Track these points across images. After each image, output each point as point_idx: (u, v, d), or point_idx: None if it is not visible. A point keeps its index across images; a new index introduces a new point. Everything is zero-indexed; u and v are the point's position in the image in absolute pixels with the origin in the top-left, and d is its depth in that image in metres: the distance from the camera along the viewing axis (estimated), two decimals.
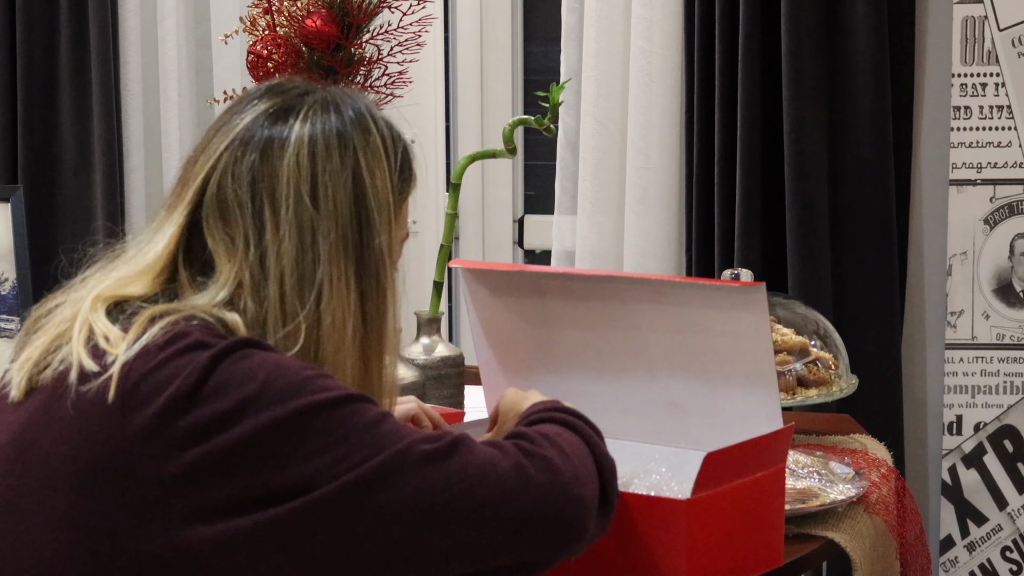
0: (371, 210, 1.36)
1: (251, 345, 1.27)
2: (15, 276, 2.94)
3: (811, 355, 2.22)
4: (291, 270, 1.32)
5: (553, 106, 2.33)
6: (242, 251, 1.32)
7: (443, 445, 1.27)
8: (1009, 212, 2.77)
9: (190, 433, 1.21)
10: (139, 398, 1.23)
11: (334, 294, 1.33)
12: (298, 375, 1.25)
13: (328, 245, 1.33)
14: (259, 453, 1.22)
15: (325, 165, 1.34)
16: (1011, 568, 2.78)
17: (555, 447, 1.34)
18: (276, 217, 1.33)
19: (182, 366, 1.24)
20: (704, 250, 2.94)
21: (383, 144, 1.39)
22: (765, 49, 2.85)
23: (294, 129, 1.36)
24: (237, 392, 1.23)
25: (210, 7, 3.33)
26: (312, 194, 1.33)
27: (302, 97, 1.39)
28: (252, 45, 2.27)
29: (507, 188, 3.38)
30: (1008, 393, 2.78)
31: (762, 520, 1.64)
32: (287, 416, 1.22)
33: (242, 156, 1.35)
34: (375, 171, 1.37)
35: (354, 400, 1.26)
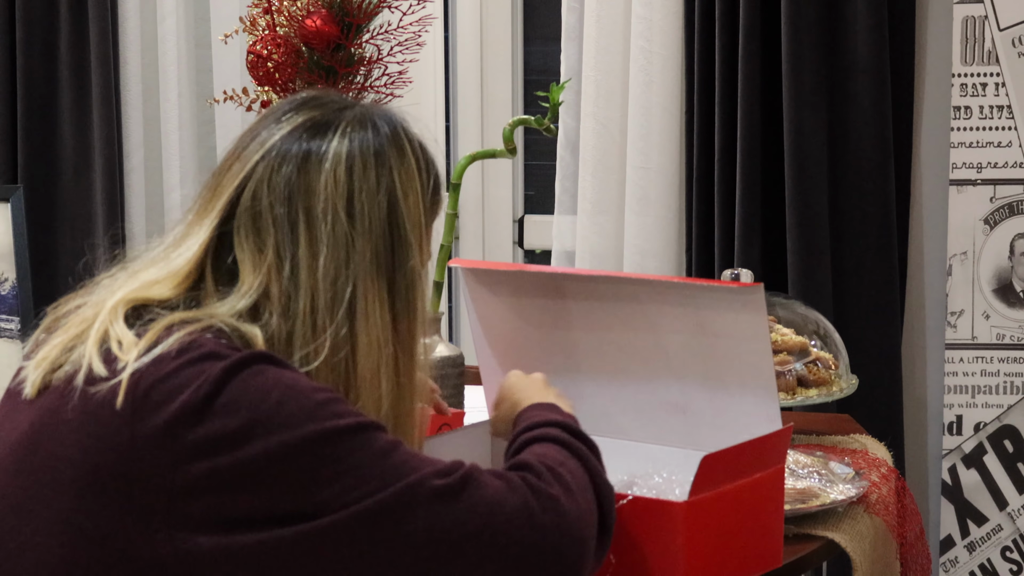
0: (404, 230, 1.36)
1: (265, 360, 1.26)
2: (15, 276, 2.94)
3: (811, 355, 2.22)
4: (324, 286, 1.31)
5: (553, 106, 2.33)
6: (272, 263, 1.32)
7: (454, 481, 1.27)
8: (1009, 212, 2.77)
9: (199, 446, 1.21)
10: (149, 406, 1.23)
11: (368, 313, 1.33)
12: (311, 399, 1.25)
13: (363, 263, 1.33)
14: (268, 476, 1.21)
15: (362, 183, 1.34)
16: (1011, 568, 2.78)
17: (560, 484, 1.34)
18: (311, 231, 1.32)
19: (193, 376, 1.23)
20: (704, 250, 2.94)
21: (417, 164, 1.40)
22: (765, 49, 2.85)
23: (332, 144, 1.35)
24: (248, 411, 1.22)
25: (210, 7, 3.33)
26: (348, 211, 1.33)
27: (340, 112, 1.39)
28: (252, 45, 2.27)
29: (507, 188, 3.38)
30: (1008, 393, 2.78)
31: (761, 521, 1.64)
32: (298, 442, 1.22)
33: (279, 168, 1.34)
34: (408, 192, 1.37)
35: (366, 429, 1.26)
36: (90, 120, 3.28)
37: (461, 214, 3.33)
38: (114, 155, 3.26)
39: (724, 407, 1.69)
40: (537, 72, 3.38)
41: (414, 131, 1.43)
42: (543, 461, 1.37)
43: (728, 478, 1.56)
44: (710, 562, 1.55)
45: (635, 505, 1.53)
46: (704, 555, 1.54)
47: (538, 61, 3.38)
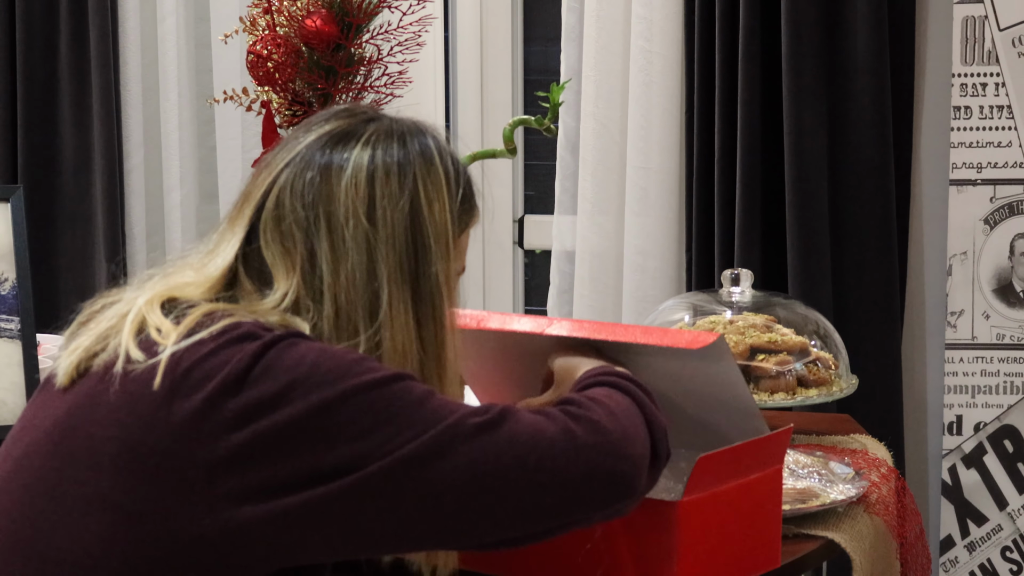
0: (427, 236, 1.37)
1: (300, 336, 1.29)
2: (15, 276, 2.94)
3: (811, 355, 2.22)
4: (346, 290, 1.34)
5: (553, 106, 2.33)
6: (299, 268, 1.35)
7: (492, 416, 1.29)
8: (1009, 212, 2.77)
9: (239, 415, 1.23)
10: (189, 384, 1.25)
11: (393, 317, 1.35)
12: (345, 358, 1.27)
13: (386, 268, 1.35)
14: (309, 433, 1.24)
15: (383, 188, 1.36)
16: (1011, 568, 2.78)
17: (603, 408, 1.36)
18: (333, 236, 1.35)
19: (232, 354, 1.26)
20: (704, 250, 2.94)
21: (445, 175, 1.41)
22: (765, 49, 2.85)
23: (355, 152, 1.38)
24: (285, 375, 1.25)
25: (210, 7, 3.33)
26: (369, 216, 1.35)
27: (367, 123, 1.41)
28: (252, 45, 2.27)
29: (507, 188, 3.38)
30: (1008, 393, 2.78)
31: (759, 521, 1.63)
32: (336, 396, 1.25)
33: (301, 173, 1.37)
34: (434, 200, 1.39)
35: (401, 379, 1.28)
36: (90, 120, 3.28)
37: None
38: (114, 155, 3.26)
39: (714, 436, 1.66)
40: (537, 72, 3.38)
41: (447, 145, 1.45)
42: (588, 395, 1.39)
43: (725, 478, 1.56)
44: (706, 562, 1.55)
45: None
46: (700, 555, 1.54)
47: (538, 61, 3.38)
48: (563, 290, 3.12)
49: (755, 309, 2.29)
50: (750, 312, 2.28)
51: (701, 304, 2.34)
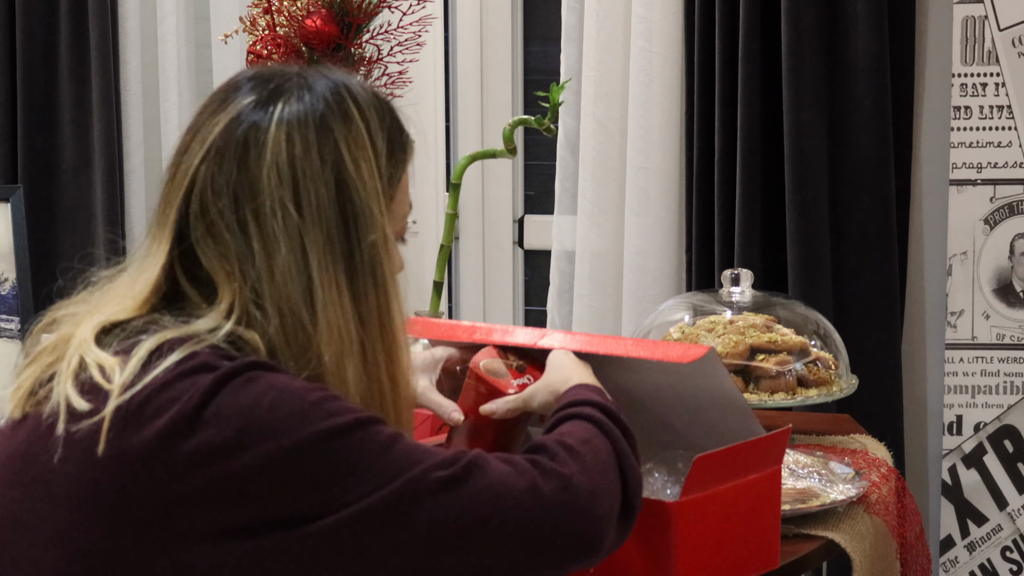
0: (358, 205, 1.31)
1: (258, 367, 1.24)
2: (15, 276, 2.94)
3: (811, 355, 2.22)
4: (285, 283, 1.28)
5: (553, 106, 2.33)
6: (237, 269, 1.28)
7: (457, 470, 1.24)
8: (1009, 212, 2.77)
9: (193, 458, 1.19)
10: (142, 419, 1.21)
11: (327, 300, 1.28)
12: (304, 399, 1.22)
13: (317, 250, 1.28)
14: (266, 482, 1.19)
15: (305, 166, 1.29)
16: (1011, 568, 2.78)
17: (576, 461, 1.32)
18: (262, 230, 1.28)
19: (185, 388, 1.21)
20: (704, 250, 2.94)
21: (367, 127, 1.33)
22: (765, 49, 2.85)
23: (270, 132, 1.30)
24: (240, 419, 1.20)
25: (210, 7, 3.33)
26: (295, 201, 1.28)
27: (277, 91, 1.33)
28: (252, 45, 2.27)
29: (507, 188, 3.37)
30: (1008, 393, 2.78)
31: (757, 522, 1.63)
32: (294, 445, 1.20)
33: (219, 168, 1.29)
34: (360, 160, 1.32)
35: (364, 425, 1.23)
36: (90, 120, 3.28)
37: (461, 214, 3.33)
38: (114, 155, 3.26)
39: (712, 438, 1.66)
40: (537, 72, 3.38)
41: (361, 89, 1.36)
42: (563, 440, 1.35)
43: (723, 479, 1.56)
44: (703, 563, 1.55)
45: None
46: (697, 556, 1.54)
47: (538, 61, 3.38)
48: (563, 290, 3.12)
49: (755, 309, 2.29)
50: (750, 312, 2.28)
51: (701, 304, 2.34)
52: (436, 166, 3.33)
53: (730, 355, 2.17)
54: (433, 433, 1.91)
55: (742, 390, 2.16)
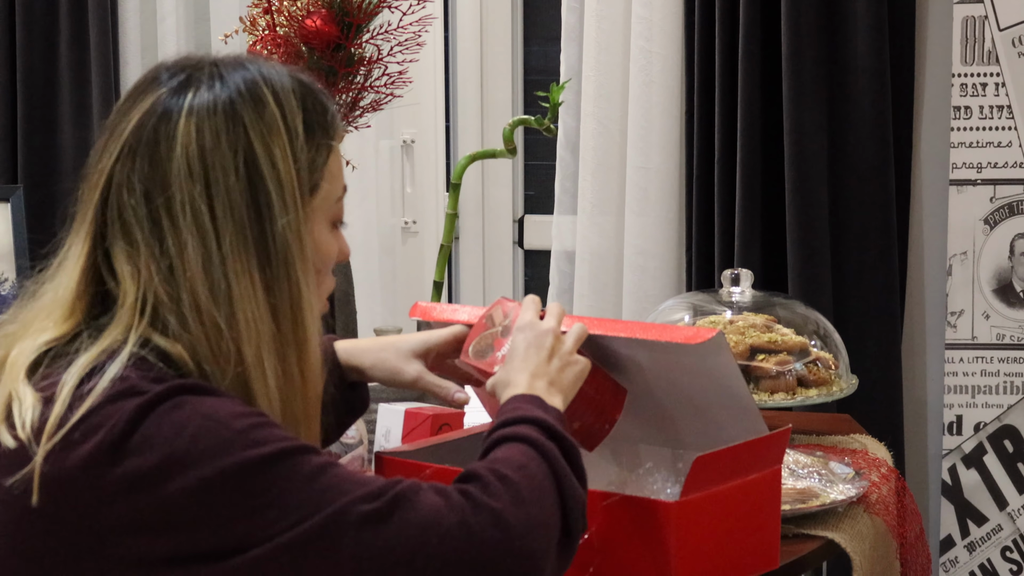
0: (269, 193, 1.27)
1: (186, 391, 1.21)
2: (15, 276, 2.94)
3: (811, 355, 2.22)
4: (199, 278, 1.25)
5: (553, 106, 2.33)
6: (152, 268, 1.26)
7: (383, 504, 1.20)
8: (1009, 212, 2.77)
9: (119, 486, 1.18)
10: (70, 444, 1.19)
11: (242, 292, 1.25)
12: (229, 428, 1.19)
13: (229, 242, 1.26)
14: (189, 513, 1.18)
15: (214, 158, 1.26)
16: (1011, 568, 2.78)
17: (510, 493, 1.26)
18: (174, 224, 1.25)
19: (111, 414, 1.19)
20: (704, 250, 2.94)
21: (280, 111, 1.29)
22: (765, 49, 2.85)
23: (180, 124, 1.27)
24: (163, 447, 1.18)
25: (210, 7, 3.33)
26: (206, 192, 1.25)
27: (188, 82, 1.29)
28: (252, 45, 2.27)
29: (507, 188, 3.38)
30: (1008, 393, 2.78)
31: (757, 522, 1.63)
32: (216, 476, 1.18)
33: (132, 167, 1.27)
34: (271, 147, 1.28)
35: (289, 455, 1.20)
36: (90, 120, 3.28)
37: (461, 214, 3.33)
38: None
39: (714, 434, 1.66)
40: (537, 72, 3.38)
41: (277, 73, 1.32)
42: (497, 469, 1.29)
43: (722, 479, 1.56)
44: (703, 563, 1.54)
45: (624, 504, 1.52)
46: (696, 555, 1.53)
47: (538, 61, 3.38)
48: (563, 290, 3.12)
49: (755, 309, 2.29)
50: (750, 312, 2.28)
51: (701, 304, 2.34)
52: (436, 166, 3.33)
53: None
54: (433, 433, 1.91)
55: None
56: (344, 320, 2.23)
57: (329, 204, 1.34)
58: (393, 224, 3.38)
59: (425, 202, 3.36)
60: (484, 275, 3.41)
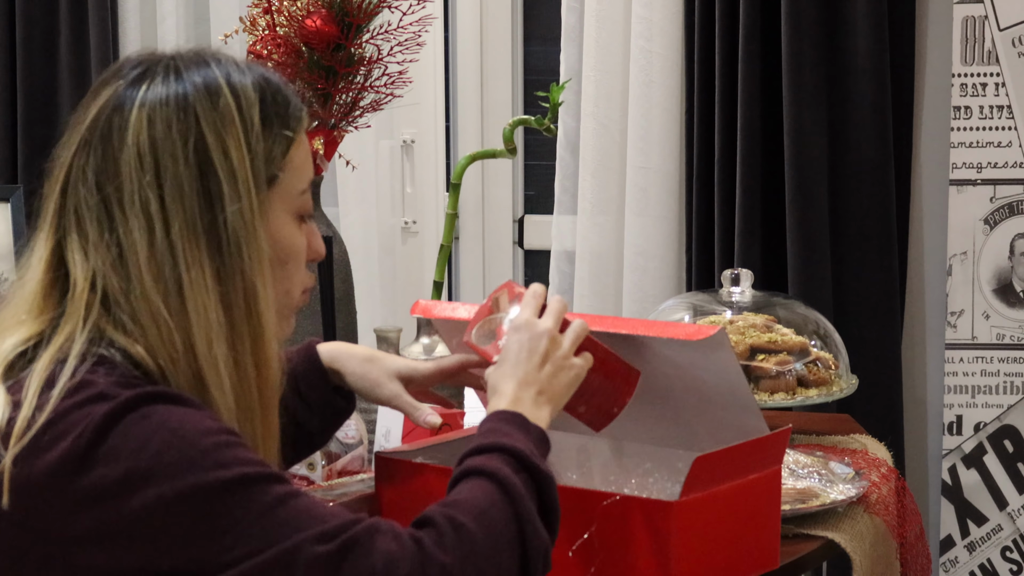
0: (220, 182, 1.26)
1: (154, 400, 1.20)
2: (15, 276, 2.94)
3: (811, 355, 2.22)
4: (147, 267, 1.25)
5: (553, 106, 2.33)
6: (102, 258, 1.26)
7: (335, 548, 1.18)
8: (1009, 212, 2.77)
9: (85, 495, 1.17)
10: (38, 450, 1.19)
11: (192, 280, 1.25)
12: (194, 446, 1.18)
13: (180, 233, 1.25)
14: (149, 529, 1.17)
15: (164, 147, 1.25)
16: (1011, 568, 2.78)
17: (463, 545, 1.24)
18: (124, 215, 1.25)
19: (78, 420, 1.19)
20: (704, 250, 2.94)
21: (236, 102, 1.28)
22: (765, 49, 2.85)
23: (132, 115, 1.27)
24: (128, 460, 1.17)
25: (210, 7, 3.33)
26: (157, 182, 1.25)
27: (144, 75, 1.29)
28: (252, 45, 2.27)
29: (507, 188, 3.37)
30: (1008, 393, 2.78)
31: (756, 522, 1.63)
32: (175, 495, 1.17)
33: (87, 159, 1.27)
34: (225, 137, 1.27)
35: (251, 482, 1.19)
36: None
37: (461, 214, 3.33)
38: None
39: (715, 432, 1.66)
40: (537, 72, 3.38)
41: (236, 66, 1.31)
42: (454, 517, 1.26)
43: (722, 479, 1.56)
44: (703, 563, 1.54)
45: (624, 504, 1.52)
46: (696, 555, 1.53)
47: (538, 61, 3.38)
48: (563, 290, 3.12)
49: (755, 309, 2.29)
50: (750, 312, 2.28)
51: (701, 304, 2.34)
52: (436, 166, 3.33)
53: None
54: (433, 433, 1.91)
55: None
56: (344, 320, 2.23)
57: (291, 196, 1.33)
58: (393, 224, 3.37)
59: (425, 202, 3.36)
60: (484, 275, 3.41)
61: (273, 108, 1.31)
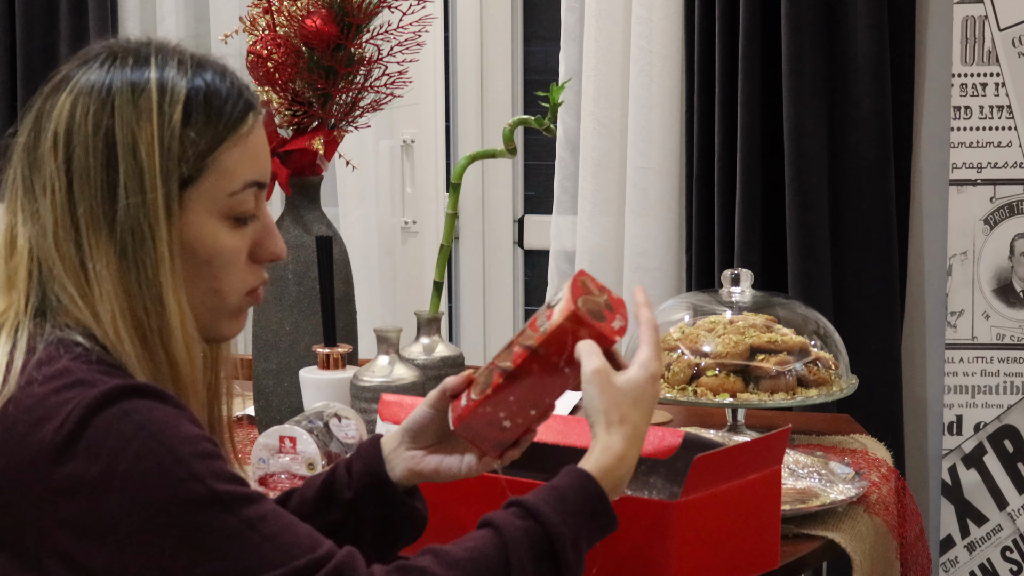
0: (123, 175, 1.25)
1: (135, 394, 1.20)
2: None
3: (811, 355, 2.22)
4: (56, 247, 1.26)
5: (553, 106, 2.33)
6: (27, 235, 1.28)
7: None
8: (1009, 212, 2.77)
9: (62, 487, 1.18)
10: (14, 437, 1.19)
11: (96, 268, 1.26)
12: (172, 453, 1.18)
13: (85, 219, 1.26)
14: (119, 531, 1.17)
15: (78, 135, 1.26)
16: (1011, 568, 2.78)
17: None
18: (40, 193, 1.27)
19: (56, 407, 1.19)
20: (704, 250, 2.94)
21: (158, 101, 1.27)
22: (765, 49, 2.85)
23: (60, 100, 1.28)
24: (106, 459, 1.17)
25: (210, 7, 3.34)
26: (67, 168, 1.26)
27: (86, 62, 1.31)
28: (252, 45, 2.27)
29: (507, 188, 3.38)
30: (1008, 393, 2.78)
31: (757, 522, 1.63)
32: (147, 504, 1.17)
33: (27, 133, 1.30)
34: (137, 132, 1.26)
35: (223, 500, 1.18)
36: None
37: (461, 214, 3.33)
38: None
39: None
40: (537, 72, 3.38)
41: (176, 56, 1.31)
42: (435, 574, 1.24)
43: (722, 479, 1.56)
44: (703, 563, 1.54)
45: (624, 504, 1.52)
46: (696, 555, 1.53)
47: (538, 61, 3.38)
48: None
49: (755, 309, 2.29)
50: (750, 312, 2.28)
51: (701, 304, 2.34)
52: (436, 166, 3.33)
53: (730, 355, 2.17)
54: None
55: (742, 390, 2.16)
56: (344, 320, 2.23)
57: (216, 198, 1.30)
58: (393, 224, 3.38)
59: (425, 202, 3.36)
60: (484, 275, 3.41)
61: (203, 107, 1.29)
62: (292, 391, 2.17)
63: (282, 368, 2.20)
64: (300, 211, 2.25)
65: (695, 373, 2.18)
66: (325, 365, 2.10)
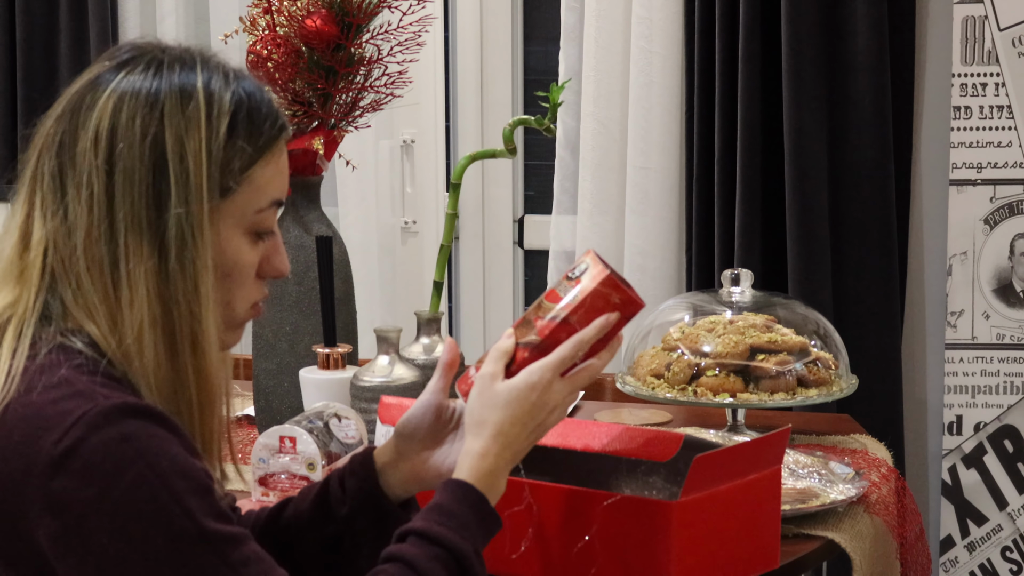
0: (171, 183, 1.25)
1: (134, 415, 1.20)
2: None
3: (811, 355, 2.22)
4: (85, 246, 1.25)
5: (553, 106, 2.33)
6: (51, 232, 1.27)
7: None
8: (1009, 212, 2.77)
9: (54, 500, 1.18)
10: (10, 444, 1.19)
11: (130, 273, 1.25)
12: (166, 487, 1.18)
13: (124, 222, 1.25)
14: (101, 557, 1.17)
15: (123, 138, 1.26)
16: (1011, 568, 2.78)
17: None
18: (73, 190, 1.26)
19: (53, 419, 1.19)
20: (704, 250, 2.94)
21: (207, 108, 1.28)
22: (765, 49, 2.85)
23: (102, 99, 1.28)
24: (100, 483, 1.17)
25: (210, 7, 3.34)
26: (108, 169, 1.25)
27: (128, 62, 1.30)
28: (252, 45, 2.27)
29: (507, 188, 3.38)
30: (1008, 393, 2.78)
31: (756, 522, 1.63)
32: (135, 534, 1.17)
33: (56, 131, 1.29)
34: (186, 141, 1.26)
35: (210, 539, 1.19)
36: None
37: (461, 214, 3.33)
38: None
39: None
40: (537, 72, 3.38)
41: (220, 71, 1.31)
42: None
43: (722, 479, 1.56)
44: (703, 563, 1.54)
45: (624, 504, 1.52)
46: (696, 555, 1.53)
47: (538, 61, 3.38)
48: None
49: (755, 309, 2.29)
50: (750, 312, 2.28)
51: (701, 304, 2.34)
52: (436, 166, 3.33)
53: (730, 355, 2.17)
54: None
55: (742, 390, 2.16)
56: (344, 320, 2.23)
57: (244, 213, 1.31)
58: (393, 224, 3.38)
59: (425, 202, 3.35)
60: (484, 275, 3.41)
61: (246, 122, 1.30)
62: (292, 391, 2.17)
63: (282, 368, 2.20)
64: (300, 211, 2.25)
65: (695, 373, 2.18)
66: (325, 365, 2.10)
